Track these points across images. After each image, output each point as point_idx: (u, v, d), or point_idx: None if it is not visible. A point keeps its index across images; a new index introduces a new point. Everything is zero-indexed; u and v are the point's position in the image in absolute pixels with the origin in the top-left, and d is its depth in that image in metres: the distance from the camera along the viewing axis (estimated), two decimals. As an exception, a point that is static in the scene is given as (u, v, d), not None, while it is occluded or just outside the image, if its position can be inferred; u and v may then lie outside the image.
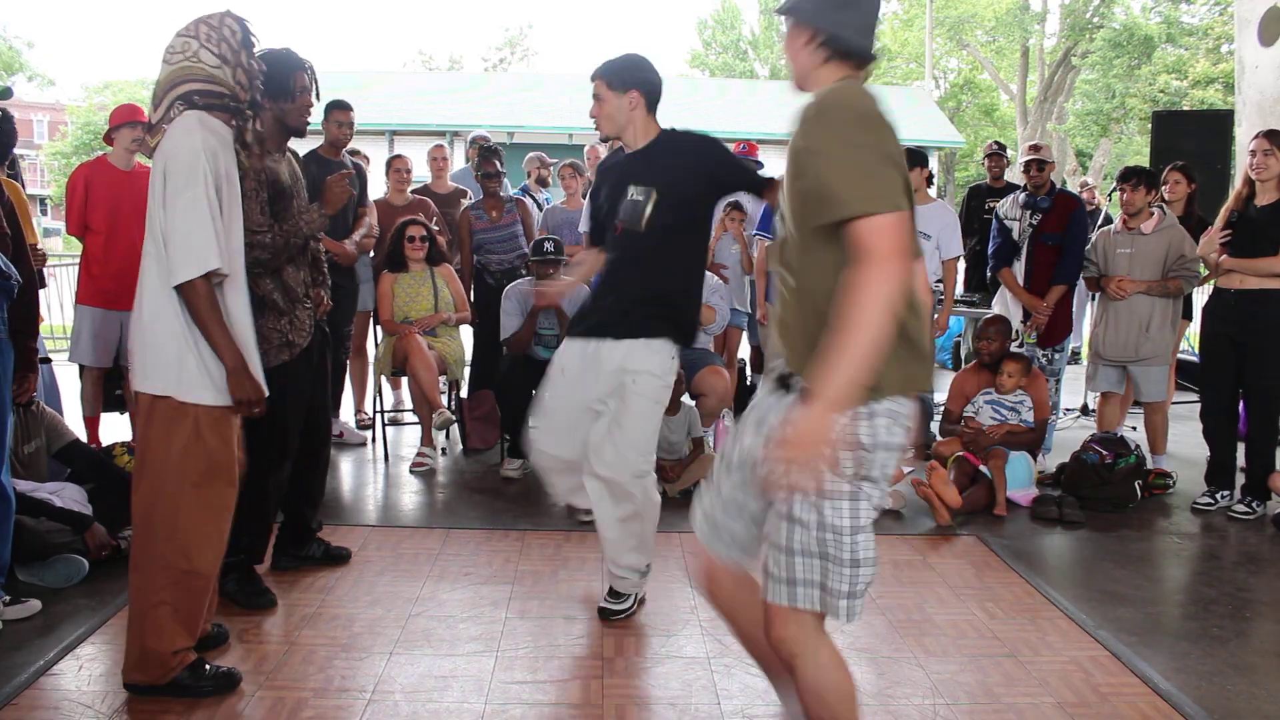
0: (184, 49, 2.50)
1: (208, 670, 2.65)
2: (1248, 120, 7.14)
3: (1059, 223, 5.10)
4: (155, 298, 2.48)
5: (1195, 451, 5.10)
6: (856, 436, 1.79)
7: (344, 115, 5.05)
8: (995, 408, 4.75)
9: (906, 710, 2.66)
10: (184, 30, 2.53)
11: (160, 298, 2.48)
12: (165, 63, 2.51)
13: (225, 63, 2.52)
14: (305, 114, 3.13)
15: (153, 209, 2.47)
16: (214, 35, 2.52)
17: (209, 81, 2.50)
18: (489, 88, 20.30)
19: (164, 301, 2.47)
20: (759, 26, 33.53)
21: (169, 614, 2.56)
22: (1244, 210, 4.40)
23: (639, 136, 3.05)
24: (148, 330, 2.50)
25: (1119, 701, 2.73)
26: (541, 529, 4.12)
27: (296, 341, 3.16)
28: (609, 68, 3.01)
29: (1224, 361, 4.53)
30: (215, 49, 2.51)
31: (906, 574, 3.70)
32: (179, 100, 2.49)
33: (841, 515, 1.83)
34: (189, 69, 2.49)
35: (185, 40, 2.51)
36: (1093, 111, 22.87)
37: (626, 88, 2.99)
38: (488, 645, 2.99)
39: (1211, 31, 21.72)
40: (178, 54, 2.51)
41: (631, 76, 3.00)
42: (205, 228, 2.42)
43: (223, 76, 2.52)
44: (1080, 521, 4.36)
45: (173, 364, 2.48)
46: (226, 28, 2.54)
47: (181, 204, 2.41)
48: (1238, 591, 3.62)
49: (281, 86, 3.04)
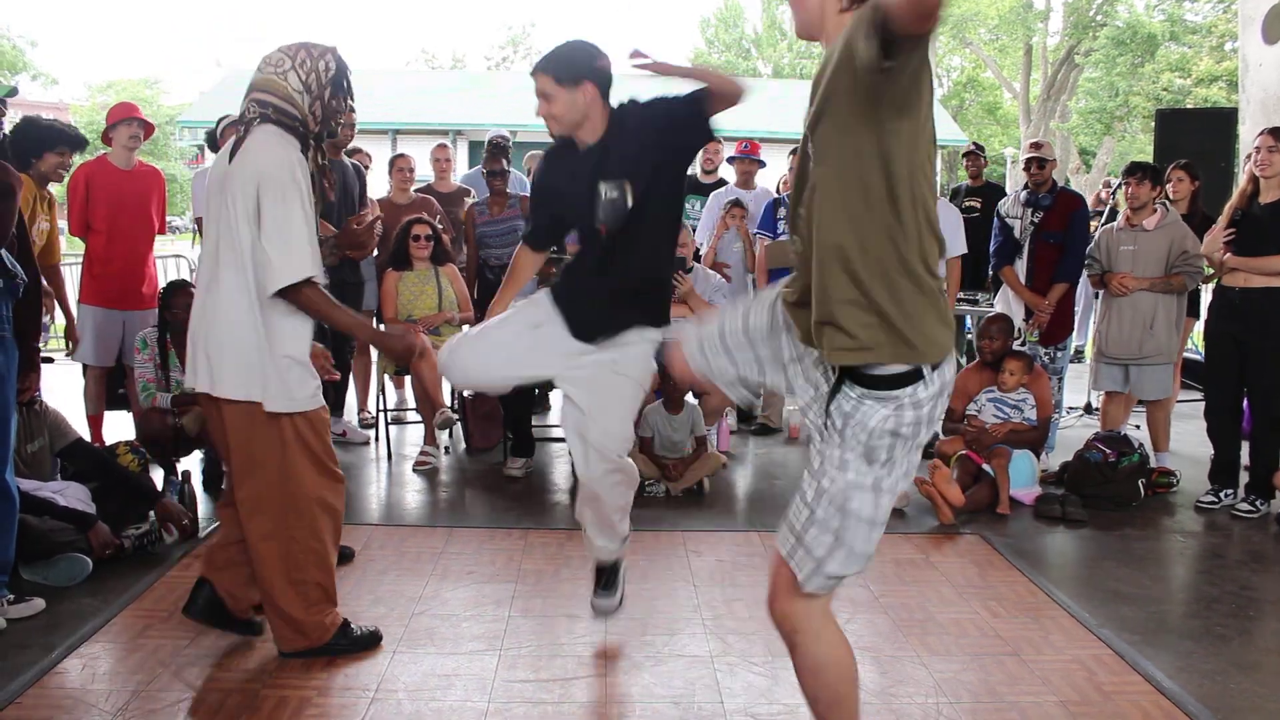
0: (278, 64, 2.61)
1: (355, 631, 2.92)
2: (1251, 118, 7.12)
3: (1061, 221, 5.10)
4: (234, 306, 2.58)
5: (1199, 450, 5.09)
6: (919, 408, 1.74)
7: (348, 116, 5.04)
8: (998, 406, 4.75)
9: (909, 709, 2.66)
10: (286, 48, 2.64)
11: (240, 306, 2.57)
12: (259, 70, 2.63)
13: (308, 91, 2.61)
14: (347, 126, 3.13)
15: (234, 218, 2.54)
16: (308, 63, 2.62)
17: (286, 101, 2.59)
18: (492, 86, 20.28)
19: (245, 310, 2.58)
20: (761, 25, 33.50)
21: (318, 589, 2.81)
22: (1248, 208, 4.39)
23: (597, 129, 2.72)
24: (227, 336, 2.60)
25: (1122, 700, 2.72)
26: (544, 527, 4.13)
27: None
28: (554, 61, 2.65)
29: (1228, 360, 4.52)
30: (304, 75, 2.61)
31: (909, 572, 3.70)
32: (255, 104, 2.58)
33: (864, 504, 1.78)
34: (273, 83, 2.59)
35: (282, 56, 2.62)
36: (1096, 110, 22.81)
37: (578, 81, 2.64)
38: (491, 644, 2.99)
39: (1215, 29, 21.67)
40: (270, 66, 2.61)
41: (583, 67, 2.66)
42: (307, 238, 2.54)
43: (300, 102, 2.60)
44: (1083, 520, 4.35)
45: (256, 373, 2.61)
46: (324, 61, 2.64)
47: (283, 214, 2.50)
48: (1241, 590, 3.61)
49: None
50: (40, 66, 27.37)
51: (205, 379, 2.64)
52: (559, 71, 2.63)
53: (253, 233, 2.53)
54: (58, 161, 4.29)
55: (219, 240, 2.60)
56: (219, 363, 2.61)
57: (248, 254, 2.55)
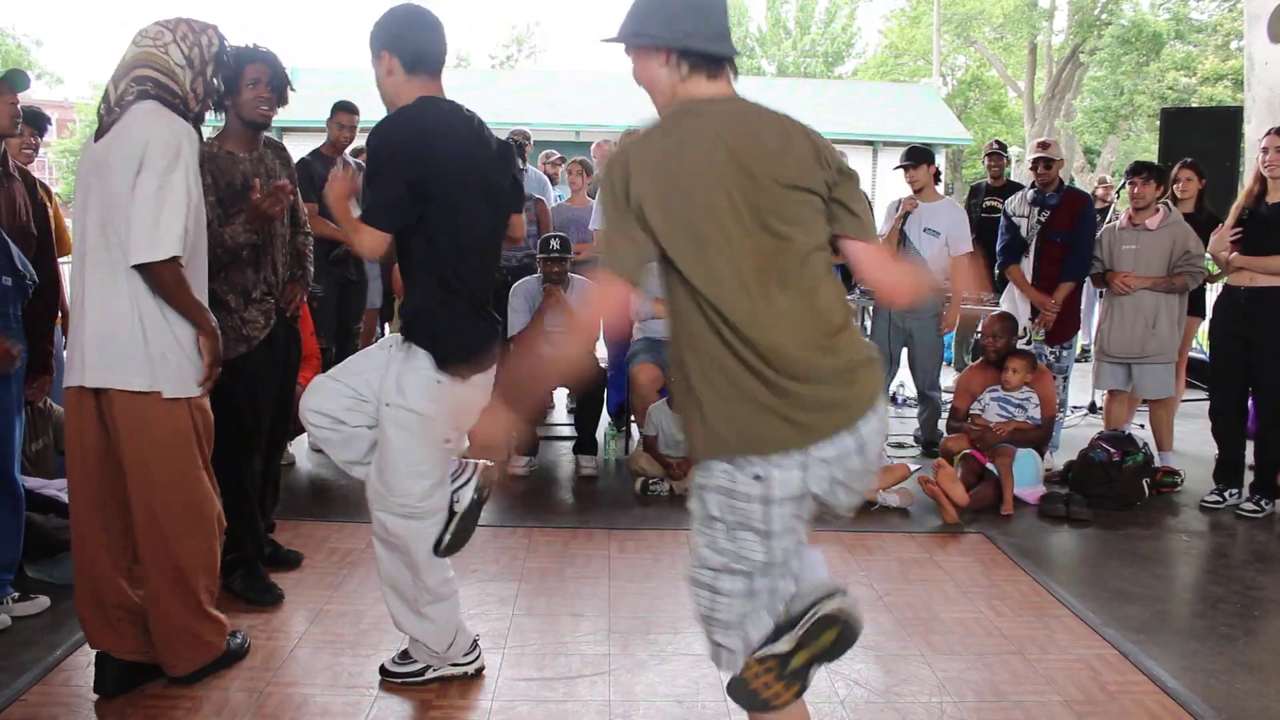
0: (157, 37, 2.47)
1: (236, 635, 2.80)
2: (1257, 117, 7.10)
3: (1067, 220, 5.08)
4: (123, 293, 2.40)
5: (1203, 449, 5.08)
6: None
7: (347, 117, 5.04)
8: (1002, 405, 4.74)
9: (913, 708, 2.66)
10: (164, 21, 2.51)
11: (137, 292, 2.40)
12: (134, 44, 2.48)
13: (190, 67, 2.49)
14: (258, 106, 3.08)
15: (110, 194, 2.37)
16: (190, 37, 2.50)
17: (168, 76, 2.46)
18: (496, 85, 20.26)
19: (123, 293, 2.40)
20: (766, 24, 33.46)
21: (209, 598, 2.63)
22: (1255, 208, 4.38)
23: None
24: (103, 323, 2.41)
25: (1126, 700, 2.72)
26: (548, 526, 4.12)
27: (251, 335, 3.14)
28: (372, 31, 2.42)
29: (1234, 359, 4.51)
30: (186, 50, 2.48)
31: (914, 572, 3.69)
32: (134, 83, 2.43)
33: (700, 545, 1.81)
34: (154, 57, 2.45)
35: (161, 30, 2.49)
36: (1101, 109, 22.75)
37: (377, 51, 2.42)
38: (495, 642, 2.99)
39: (1220, 28, 21.60)
40: (149, 39, 2.47)
41: (380, 34, 2.41)
42: (181, 216, 2.36)
43: (182, 78, 2.48)
44: (1088, 519, 4.34)
45: (155, 360, 2.43)
46: (206, 36, 2.53)
47: (160, 186, 2.34)
48: (1246, 590, 3.60)
49: (230, 82, 2.97)
50: (45, 65, 27.45)
51: (100, 373, 2.43)
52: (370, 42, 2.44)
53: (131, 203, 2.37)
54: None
55: (103, 225, 2.40)
56: (112, 353, 2.41)
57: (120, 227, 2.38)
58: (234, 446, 3.12)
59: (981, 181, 7.31)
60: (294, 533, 3.85)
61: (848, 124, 18.18)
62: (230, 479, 3.17)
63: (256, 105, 3.08)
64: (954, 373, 6.98)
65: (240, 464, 3.21)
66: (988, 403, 4.78)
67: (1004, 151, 7.10)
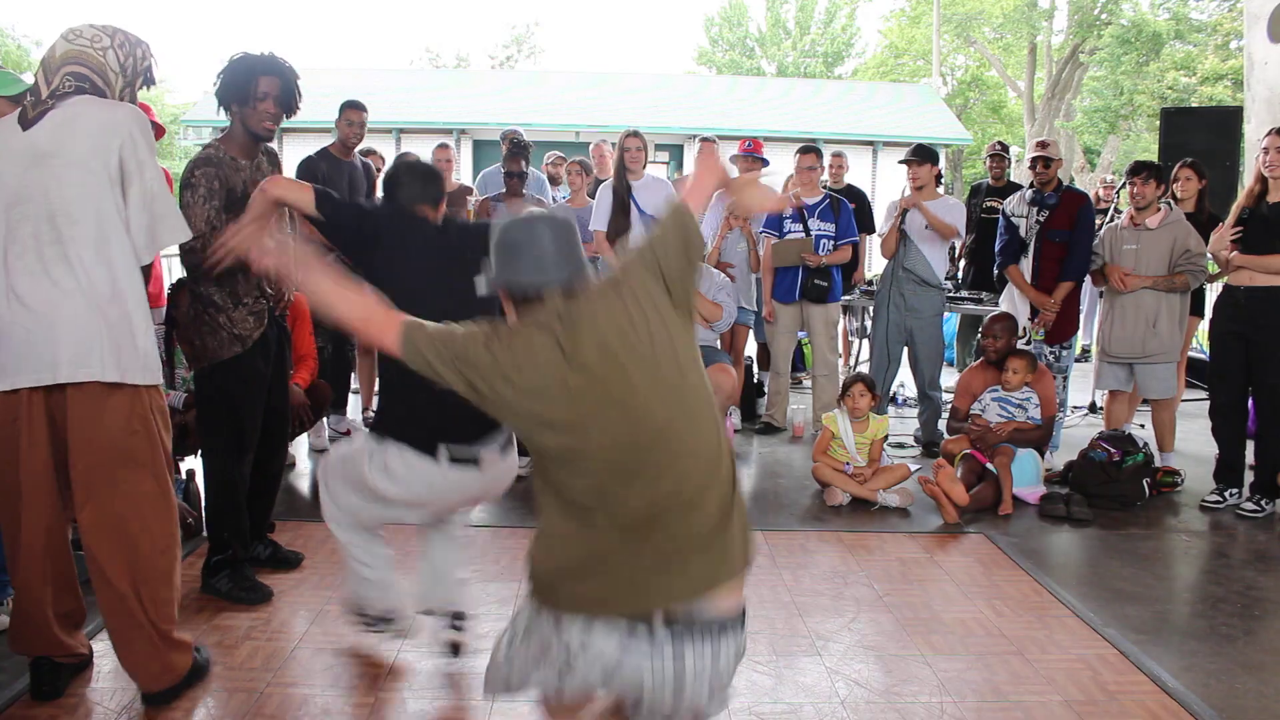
0: (95, 40, 2.45)
1: (200, 650, 2.71)
2: (1257, 117, 7.11)
3: (1066, 219, 5.09)
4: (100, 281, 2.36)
5: (1204, 449, 5.08)
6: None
7: (355, 115, 5.04)
8: (1002, 405, 4.74)
9: (914, 708, 2.66)
10: (101, 27, 2.50)
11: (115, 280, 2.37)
12: (67, 40, 2.44)
13: (123, 74, 2.50)
14: (264, 120, 3.10)
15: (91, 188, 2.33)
16: (127, 47, 2.50)
17: (101, 78, 2.45)
18: (496, 85, 20.29)
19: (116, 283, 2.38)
20: (766, 24, 33.47)
21: (175, 610, 2.55)
22: (1255, 207, 4.39)
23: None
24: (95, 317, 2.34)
25: (1127, 700, 2.72)
26: (548, 526, 4.11)
27: (243, 334, 3.15)
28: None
29: (1234, 359, 4.51)
30: (121, 58, 2.49)
31: (914, 572, 3.69)
32: (71, 78, 2.40)
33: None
34: (91, 57, 2.43)
35: (99, 34, 2.47)
36: (1101, 108, 22.75)
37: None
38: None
39: (1220, 28, 21.61)
40: (85, 40, 2.44)
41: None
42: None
43: (114, 83, 2.48)
44: (1088, 519, 4.34)
45: (127, 352, 2.39)
46: (140, 49, 2.54)
47: (158, 176, 2.42)
48: (1246, 590, 3.60)
49: (241, 91, 3.04)
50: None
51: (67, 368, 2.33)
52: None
53: (117, 198, 2.37)
54: None
55: (53, 216, 2.31)
56: (89, 346, 2.33)
57: (113, 220, 2.36)
58: (226, 446, 3.12)
59: (982, 181, 7.32)
60: (294, 533, 3.85)
61: (847, 124, 18.21)
62: (221, 479, 3.18)
63: (263, 119, 3.11)
64: (955, 372, 6.98)
65: (230, 464, 3.21)
66: (988, 403, 4.78)
67: (1006, 152, 7.10)
